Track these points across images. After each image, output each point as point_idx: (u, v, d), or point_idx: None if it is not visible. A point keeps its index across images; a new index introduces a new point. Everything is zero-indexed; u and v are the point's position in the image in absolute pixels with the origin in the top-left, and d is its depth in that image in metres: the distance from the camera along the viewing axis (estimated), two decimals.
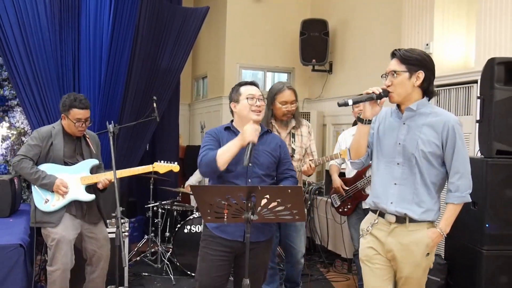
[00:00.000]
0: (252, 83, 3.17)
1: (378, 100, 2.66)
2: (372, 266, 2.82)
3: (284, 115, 4.21)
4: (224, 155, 2.89)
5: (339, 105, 2.64)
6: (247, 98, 3.05)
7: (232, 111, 3.17)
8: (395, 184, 2.75)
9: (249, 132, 2.84)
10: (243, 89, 3.10)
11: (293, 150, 4.24)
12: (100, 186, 3.89)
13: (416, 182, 2.74)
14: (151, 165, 4.08)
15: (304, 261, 4.57)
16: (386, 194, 2.77)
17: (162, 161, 4.13)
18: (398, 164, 2.75)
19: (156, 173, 4.24)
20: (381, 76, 2.76)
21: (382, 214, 2.80)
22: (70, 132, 3.89)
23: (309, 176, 4.32)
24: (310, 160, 4.19)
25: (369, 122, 2.71)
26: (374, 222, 2.82)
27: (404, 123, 2.76)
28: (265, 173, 3.05)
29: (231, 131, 3.11)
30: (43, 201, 3.76)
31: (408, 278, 2.79)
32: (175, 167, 4.17)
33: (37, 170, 3.76)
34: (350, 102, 2.60)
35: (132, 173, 4.07)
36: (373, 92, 2.64)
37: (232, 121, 3.20)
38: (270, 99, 4.23)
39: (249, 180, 2.98)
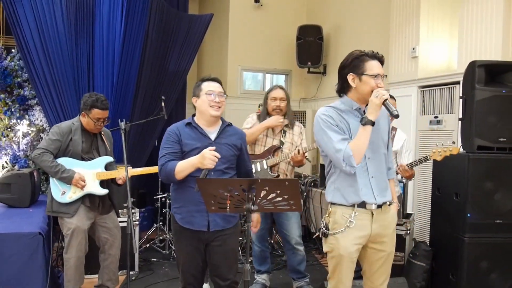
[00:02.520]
0: (214, 79, 3.04)
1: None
2: (352, 264, 2.71)
3: (273, 110, 4.29)
4: (182, 172, 2.82)
5: (397, 117, 2.56)
6: (206, 94, 2.94)
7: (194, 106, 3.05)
8: (372, 177, 2.67)
9: (208, 161, 2.72)
10: (204, 85, 2.98)
11: (282, 143, 4.30)
12: (120, 182, 3.88)
13: (384, 170, 2.75)
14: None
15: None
16: (369, 190, 2.66)
17: None
18: (369, 158, 2.67)
19: None
20: (375, 76, 2.62)
21: (360, 205, 2.65)
22: (88, 129, 3.86)
23: (299, 166, 4.29)
24: (297, 148, 4.18)
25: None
26: (354, 214, 2.64)
27: None
28: (226, 166, 2.94)
29: (192, 126, 2.98)
30: (60, 192, 3.74)
31: (390, 253, 2.77)
32: None
33: (57, 164, 3.72)
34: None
35: (142, 173, 4.05)
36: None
37: (193, 115, 3.06)
38: (264, 99, 4.39)
39: (212, 173, 2.84)
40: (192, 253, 2.97)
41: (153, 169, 4.03)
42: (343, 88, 2.74)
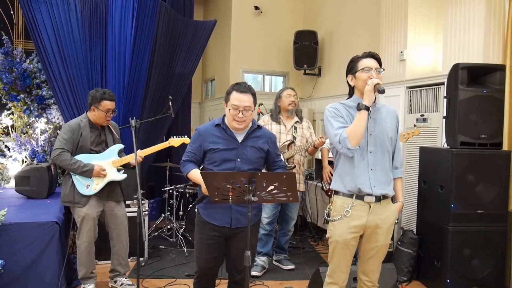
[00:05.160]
0: (244, 91, 2.82)
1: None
2: (349, 251, 2.70)
3: (289, 104, 4.58)
4: (192, 179, 2.90)
5: (382, 92, 2.52)
6: (232, 108, 2.80)
7: None
8: (371, 169, 2.64)
9: (204, 190, 2.72)
10: (232, 96, 2.82)
11: (294, 138, 4.56)
12: (134, 163, 3.82)
13: (387, 166, 2.70)
14: (167, 142, 4.02)
15: (297, 235, 4.67)
16: (367, 180, 2.63)
17: (175, 137, 4.07)
18: (370, 152, 2.65)
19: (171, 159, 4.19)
20: (364, 69, 2.62)
21: (359, 197, 2.65)
22: (99, 122, 3.84)
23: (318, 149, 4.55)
24: (320, 137, 4.40)
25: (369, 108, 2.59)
26: (352, 204, 2.64)
27: (370, 117, 2.66)
28: (252, 167, 2.84)
29: (220, 127, 2.88)
30: (85, 186, 3.74)
31: (383, 246, 2.72)
32: (186, 140, 4.02)
33: (76, 160, 3.70)
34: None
35: (153, 151, 4.00)
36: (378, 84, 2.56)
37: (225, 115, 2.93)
38: (276, 98, 4.66)
39: None
40: (211, 246, 2.89)
41: (160, 146, 4.04)
42: (351, 90, 2.78)
